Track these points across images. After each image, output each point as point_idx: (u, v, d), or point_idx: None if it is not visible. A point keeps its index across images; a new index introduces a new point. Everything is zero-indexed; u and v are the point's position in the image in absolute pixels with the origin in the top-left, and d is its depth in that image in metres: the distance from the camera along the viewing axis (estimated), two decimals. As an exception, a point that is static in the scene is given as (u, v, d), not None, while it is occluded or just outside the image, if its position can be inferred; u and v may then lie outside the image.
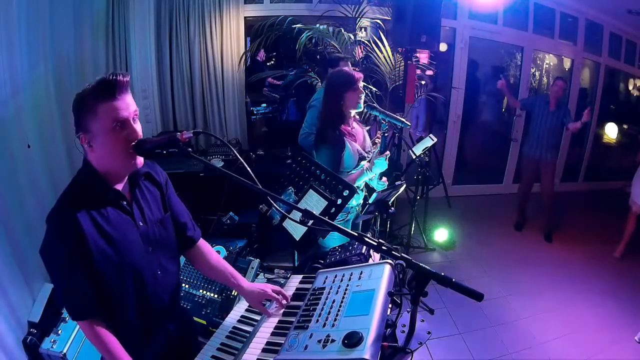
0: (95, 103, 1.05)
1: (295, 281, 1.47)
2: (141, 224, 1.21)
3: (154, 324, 1.30)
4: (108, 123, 1.06)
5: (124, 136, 1.08)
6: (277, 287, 1.39)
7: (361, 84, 2.21)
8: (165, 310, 1.31)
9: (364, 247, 1.58)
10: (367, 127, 2.54)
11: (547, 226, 4.27)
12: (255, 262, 2.16)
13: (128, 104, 1.09)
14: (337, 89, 2.21)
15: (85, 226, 1.08)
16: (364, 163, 2.26)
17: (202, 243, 1.46)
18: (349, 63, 3.14)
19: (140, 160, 1.14)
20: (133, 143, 1.09)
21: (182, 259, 1.49)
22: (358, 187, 2.25)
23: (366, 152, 2.32)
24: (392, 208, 2.38)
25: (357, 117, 2.42)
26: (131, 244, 1.17)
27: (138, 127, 1.12)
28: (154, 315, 1.28)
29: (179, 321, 1.41)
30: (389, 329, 1.04)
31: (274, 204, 1.21)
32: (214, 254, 1.48)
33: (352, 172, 2.23)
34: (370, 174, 2.23)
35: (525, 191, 4.36)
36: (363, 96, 2.22)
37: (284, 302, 1.35)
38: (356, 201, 2.34)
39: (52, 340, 2.07)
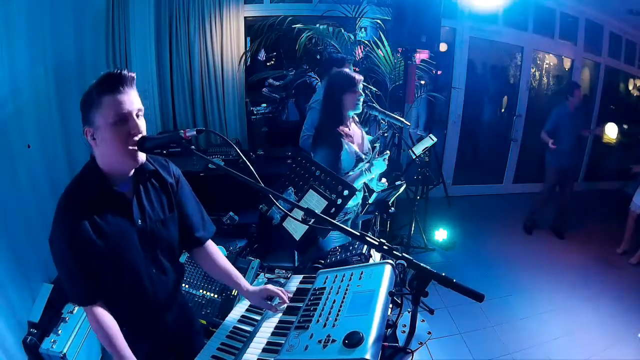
0: (100, 95, 1.07)
1: (295, 281, 1.47)
2: (140, 223, 1.21)
3: (151, 317, 1.32)
4: (111, 115, 1.07)
5: (126, 130, 1.09)
6: (277, 287, 1.40)
7: (360, 85, 2.21)
8: (162, 305, 1.33)
9: (365, 247, 1.58)
10: (366, 129, 2.54)
11: (562, 225, 4.35)
12: (255, 262, 2.16)
13: (132, 100, 1.10)
14: (336, 90, 2.21)
15: (82, 224, 1.10)
16: (363, 164, 2.25)
17: (210, 244, 1.46)
18: (351, 64, 3.14)
19: (141, 157, 1.15)
20: (136, 138, 1.10)
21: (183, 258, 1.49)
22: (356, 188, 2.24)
23: (364, 154, 2.31)
24: (392, 208, 2.38)
25: (356, 118, 2.42)
26: (127, 242, 1.19)
27: (142, 123, 1.13)
28: (151, 309, 1.30)
29: (177, 313, 1.42)
30: (389, 329, 1.04)
31: (276, 202, 1.21)
32: (221, 256, 1.48)
33: (351, 173, 2.23)
34: (369, 175, 2.23)
35: (549, 196, 4.36)
36: (362, 98, 2.22)
37: (286, 298, 1.35)
38: (354, 202, 2.34)
39: (52, 340, 2.06)
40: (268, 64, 5.06)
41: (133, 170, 1.20)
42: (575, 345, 2.73)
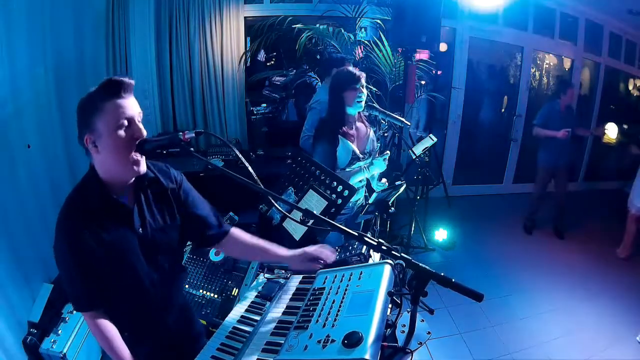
0: (102, 101, 1.07)
1: (295, 281, 1.47)
2: (140, 231, 1.21)
3: (152, 319, 1.32)
4: (115, 120, 1.07)
5: (129, 135, 1.10)
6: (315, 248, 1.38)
7: (362, 82, 2.22)
8: (163, 306, 1.33)
9: (364, 247, 1.58)
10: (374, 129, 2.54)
11: (561, 224, 4.35)
12: (255, 262, 2.16)
13: (133, 104, 1.12)
14: (337, 87, 2.23)
15: (83, 232, 1.11)
16: (364, 162, 2.25)
17: (233, 230, 1.45)
18: (351, 64, 3.15)
19: (142, 167, 1.15)
20: (137, 142, 1.11)
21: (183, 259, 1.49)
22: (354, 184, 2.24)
23: (363, 154, 2.31)
24: (392, 208, 2.38)
25: (364, 117, 2.42)
26: (128, 249, 1.19)
27: (142, 128, 1.14)
28: (152, 312, 1.30)
29: (178, 314, 1.42)
30: (389, 329, 1.04)
31: (275, 204, 1.21)
32: (247, 235, 1.46)
33: (348, 169, 2.23)
34: (367, 173, 2.23)
35: (542, 195, 4.36)
36: (363, 96, 2.23)
37: (327, 257, 1.34)
38: (354, 198, 2.33)
39: (52, 340, 2.07)
40: (268, 64, 5.06)
41: (133, 179, 1.20)
42: (575, 345, 2.73)
